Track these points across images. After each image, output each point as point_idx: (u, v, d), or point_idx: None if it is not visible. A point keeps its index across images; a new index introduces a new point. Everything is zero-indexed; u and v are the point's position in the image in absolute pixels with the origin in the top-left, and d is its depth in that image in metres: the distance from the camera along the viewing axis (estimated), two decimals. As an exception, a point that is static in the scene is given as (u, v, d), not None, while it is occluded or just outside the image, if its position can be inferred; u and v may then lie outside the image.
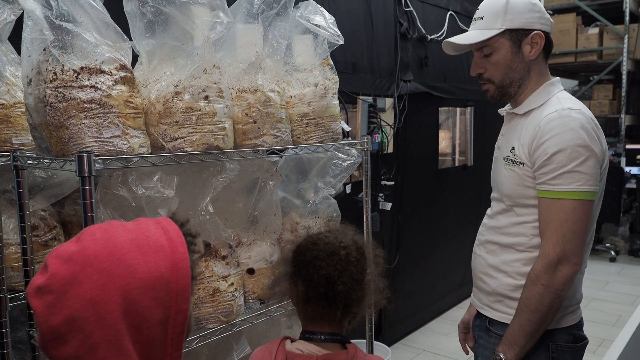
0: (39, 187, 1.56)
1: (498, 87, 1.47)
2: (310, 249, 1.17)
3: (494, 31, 1.41)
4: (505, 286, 1.46)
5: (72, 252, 0.73)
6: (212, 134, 1.36)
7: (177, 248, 0.77)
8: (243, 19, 1.53)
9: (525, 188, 1.40)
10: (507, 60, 1.43)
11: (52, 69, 1.17)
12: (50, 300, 0.70)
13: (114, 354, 0.70)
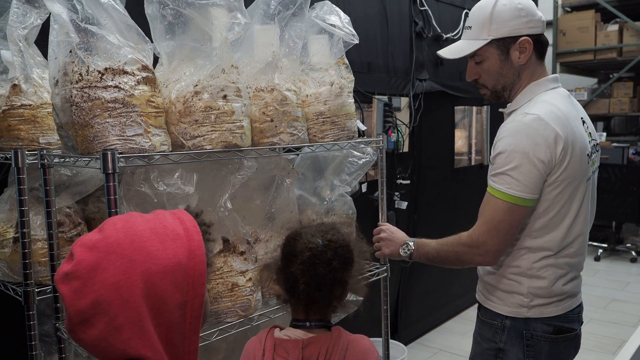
0: (64, 185, 1.61)
1: (492, 92, 1.56)
2: (289, 244, 1.26)
3: (481, 42, 1.48)
4: (487, 272, 1.57)
5: (95, 241, 0.78)
6: (230, 132, 1.39)
7: (192, 237, 0.82)
8: (260, 19, 1.56)
9: None
10: (497, 67, 1.50)
11: (78, 70, 1.21)
12: (77, 285, 0.75)
13: (137, 334, 0.75)
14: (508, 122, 1.44)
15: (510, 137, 1.39)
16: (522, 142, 1.36)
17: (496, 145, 1.43)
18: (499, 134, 1.44)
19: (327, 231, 1.25)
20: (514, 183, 1.37)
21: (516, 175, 1.37)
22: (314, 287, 1.19)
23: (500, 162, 1.39)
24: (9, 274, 1.58)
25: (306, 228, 1.27)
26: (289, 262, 1.24)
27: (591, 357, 3.46)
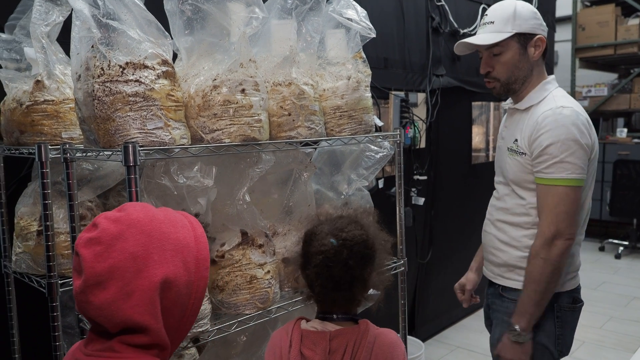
0: (86, 180, 1.64)
1: (503, 85, 1.67)
2: (306, 244, 1.26)
3: (506, 34, 1.61)
4: (515, 258, 1.67)
5: (119, 216, 0.86)
6: (248, 125, 1.40)
7: (197, 228, 0.93)
8: (277, 14, 1.57)
9: (527, 174, 1.62)
10: (515, 60, 1.63)
11: (100, 65, 1.24)
12: (98, 250, 0.82)
13: (145, 302, 0.82)
14: (546, 117, 1.54)
15: (558, 129, 1.52)
16: (570, 131, 1.51)
17: (540, 139, 1.54)
18: (539, 128, 1.54)
19: (342, 228, 1.22)
20: (573, 168, 1.51)
21: (573, 160, 1.51)
22: (330, 288, 1.19)
23: (554, 152, 1.52)
24: (33, 266, 1.61)
25: (322, 225, 1.26)
26: (305, 263, 1.25)
27: (612, 355, 3.41)
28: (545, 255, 1.53)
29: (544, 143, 1.53)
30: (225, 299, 1.47)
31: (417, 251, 3.42)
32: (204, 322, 1.38)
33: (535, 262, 1.55)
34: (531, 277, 1.56)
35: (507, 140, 1.70)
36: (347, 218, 1.28)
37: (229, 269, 1.47)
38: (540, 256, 1.53)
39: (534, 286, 1.55)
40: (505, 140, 1.72)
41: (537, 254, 1.54)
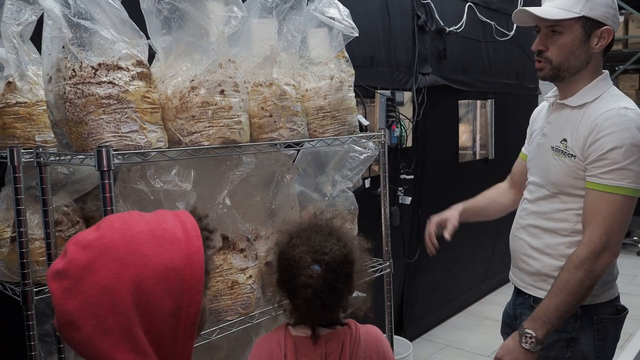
0: (62, 184, 1.59)
1: (554, 69, 1.49)
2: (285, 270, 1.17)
3: (572, 14, 1.43)
4: (549, 267, 1.53)
5: (90, 240, 0.75)
6: (228, 127, 1.37)
7: (192, 241, 0.78)
8: (258, 13, 1.53)
9: (575, 179, 1.46)
10: (574, 46, 1.46)
11: (71, 66, 1.19)
12: (67, 284, 0.72)
13: (126, 339, 0.72)
14: (608, 117, 1.39)
15: (622, 132, 1.37)
16: (635, 135, 1.37)
17: (601, 141, 1.39)
18: (601, 129, 1.39)
19: (322, 250, 1.15)
20: (635, 176, 1.38)
21: (636, 167, 1.38)
22: (320, 310, 1.15)
23: (616, 157, 1.37)
24: (7, 273, 1.57)
25: (298, 246, 1.17)
26: (292, 293, 1.18)
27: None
28: (589, 267, 1.38)
29: (605, 146, 1.38)
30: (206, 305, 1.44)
31: (405, 250, 3.41)
32: (184, 330, 1.34)
33: (576, 272, 1.39)
34: (566, 287, 1.40)
35: (551, 139, 1.54)
36: (321, 233, 1.20)
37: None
38: (584, 267, 1.38)
39: (567, 297, 1.39)
40: (548, 138, 1.56)
41: (582, 264, 1.38)
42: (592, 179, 1.41)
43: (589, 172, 1.42)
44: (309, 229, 1.20)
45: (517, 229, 1.67)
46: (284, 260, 1.18)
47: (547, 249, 1.55)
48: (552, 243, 1.54)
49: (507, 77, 4.33)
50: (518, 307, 1.68)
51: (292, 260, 1.15)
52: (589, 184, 1.42)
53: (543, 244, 1.56)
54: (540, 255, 1.56)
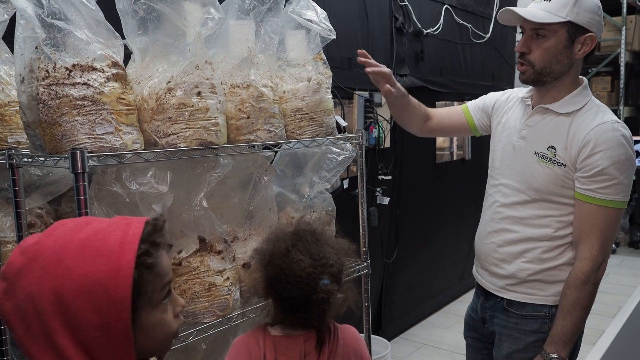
0: (35, 186, 1.57)
1: (536, 73, 1.49)
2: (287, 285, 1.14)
3: (558, 18, 1.42)
4: (525, 271, 1.55)
5: (29, 244, 0.76)
6: (205, 129, 1.37)
7: (124, 255, 0.75)
8: (235, 14, 1.53)
9: (562, 188, 1.48)
10: (557, 50, 1.45)
11: (45, 67, 1.18)
12: (4, 286, 0.74)
13: (51, 347, 0.73)
14: (603, 132, 1.41)
15: (618, 148, 1.41)
16: (628, 151, 1.42)
17: (598, 156, 1.41)
18: (597, 144, 1.41)
19: (327, 262, 1.15)
20: (626, 190, 1.44)
21: (628, 181, 1.44)
22: (322, 319, 1.17)
23: (615, 173, 1.41)
24: (-22, 277, 1.53)
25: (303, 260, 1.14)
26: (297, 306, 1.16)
27: (572, 349, 3.50)
28: (594, 280, 1.42)
29: (604, 162, 1.40)
30: (183, 308, 1.43)
31: (383, 250, 3.43)
32: (160, 333, 1.34)
33: (585, 288, 1.41)
34: (579, 304, 1.42)
35: (533, 143, 1.53)
36: (316, 242, 1.19)
37: (186, 276, 1.43)
38: (590, 282, 1.42)
39: (581, 313, 1.43)
40: (529, 142, 1.54)
41: (588, 279, 1.41)
42: (589, 192, 1.43)
43: (583, 184, 1.43)
44: (303, 239, 1.19)
45: (489, 233, 1.65)
46: (287, 276, 1.14)
47: (523, 253, 1.55)
48: (529, 248, 1.54)
49: (483, 78, 4.40)
50: (488, 311, 1.67)
51: (299, 277, 1.13)
52: (585, 197, 1.44)
53: (519, 249, 1.56)
54: (515, 260, 1.56)
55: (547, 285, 1.53)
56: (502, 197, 1.61)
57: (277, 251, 1.18)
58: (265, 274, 1.20)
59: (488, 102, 1.81)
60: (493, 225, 1.63)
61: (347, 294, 1.22)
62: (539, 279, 1.54)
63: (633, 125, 6.43)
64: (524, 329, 1.56)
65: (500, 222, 1.61)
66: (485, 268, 1.67)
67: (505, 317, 1.60)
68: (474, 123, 1.84)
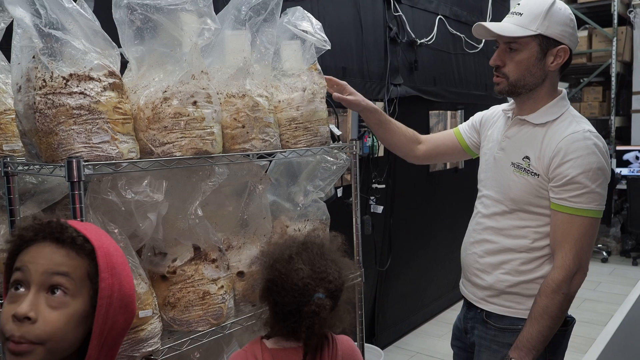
0: (30, 193, 1.57)
1: (510, 85, 1.52)
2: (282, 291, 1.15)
3: (528, 32, 1.45)
4: (503, 282, 1.56)
5: None
6: (200, 138, 1.38)
7: None
8: (231, 25, 1.55)
9: (536, 197, 1.49)
10: (529, 63, 1.48)
11: (42, 76, 1.18)
12: None
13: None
14: (574, 141, 1.42)
15: (590, 156, 1.41)
16: (600, 160, 1.42)
17: (569, 165, 1.42)
18: (567, 153, 1.42)
19: (327, 277, 1.16)
20: (600, 198, 1.43)
21: (601, 190, 1.43)
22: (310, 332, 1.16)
23: (585, 181, 1.41)
24: (-29, 285, 1.53)
25: (303, 269, 1.16)
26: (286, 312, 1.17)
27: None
28: (566, 290, 1.42)
29: (574, 171, 1.41)
30: (177, 316, 1.43)
31: (377, 259, 3.44)
32: (154, 341, 1.34)
33: (555, 296, 1.42)
34: (547, 312, 1.42)
35: (510, 154, 1.55)
36: (321, 256, 1.20)
37: (180, 285, 1.43)
38: (562, 291, 1.42)
39: (549, 322, 1.42)
40: (507, 153, 1.57)
41: (559, 288, 1.42)
42: (562, 202, 1.44)
43: (556, 194, 1.44)
44: (309, 250, 1.20)
45: (471, 243, 1.67)
46: (284, 282, 1.15)
47: (502, 264, 1.56)
48: (507, 259, 1.55)
49: (476, 88, 4.44)
50: (469, 321, 1.69)
51: (295, 285, 1.14)
52: (558, 206, 1.45)
53: (498, 260, 1.57)
54: (494, 271, 1.58)
55: (525, 298, 1.54)
56: (483, 208, 1.65)
57: (280, 256, 1.20)
58: (265, 276, 1.21)
59: (476, 119, 1.85)
60: (475, 235, 1.66)
61: (343, 316, 1.22)
62: (516, 292, 1.54)
63: (624, 134, 6.51)
64: (502, 342, 1.57)
65: (482, 232, 1.63)
66: (467, 278, 1.70)
67: (484, 328, 1.61)
68: (466, 143, 1.85)
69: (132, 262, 1.32)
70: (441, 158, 1.95)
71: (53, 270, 0.86)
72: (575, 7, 6.33)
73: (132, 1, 1.33)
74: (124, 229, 1.32)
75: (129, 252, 1.32)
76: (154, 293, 1.39)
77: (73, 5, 1.22)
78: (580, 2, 6.32)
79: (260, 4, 1.55)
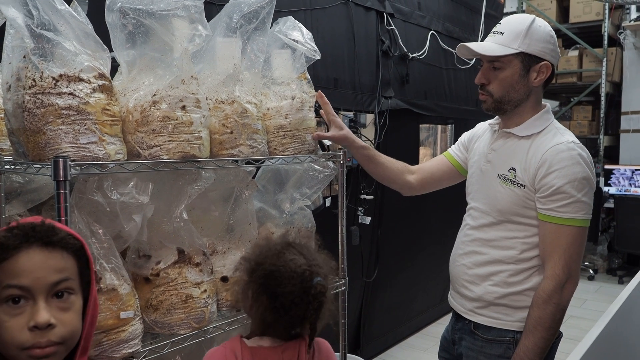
0: (16, 193, 1.57)
1: (495, 102, 1.56)
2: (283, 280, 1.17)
3: (510, 50, 1.49)
4: (491, 294, 1.57)
5: None
6: (188, 142, 1.39)
7: None
8: (222, 32, 1.57)
9: (523, 208, 1.51)
10: (513, 80, 1.52)
11: (32, 76, 1.20)
12: None
13: None
14: (558, 151, 1.45)
15: (574, 166, 1.44)
16: (584, 169, 1.45)
17: (554, 175, 1.44)
18: (552, 163, 1.45)
19: (318, 263, 1.21)
20: (587, 208, 1.46)
21: (587, 199, 1.45)
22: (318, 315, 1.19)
23: (571, 191, 1.43)
24: (-47, 283, 1.53)
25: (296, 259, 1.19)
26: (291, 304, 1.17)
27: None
28: (557, 300, 1.43)
29: (559, 181, 1.43)
30: (159, 319, 1.44)
31: (363, 270, 3.45)
32: (135, 343, 1.34)
33: (547, 307, 1.43)
34: (540, 323, 1.44)
35: (497, 166, 1.58)
36: (307, 247, 1.25)
37: (163, 287, 1.44)
38: (552, 301, 1.43)
39: (543, 333, 1.43)
40: (493, 165, 1.59)
41: (550, 298, 1.43)
42: (549, 212, 1.46)
43: (543, 204, 1.47)
44: (293, 244, 1.24)
45: (460, 255, 1.69)
46: (282, 273, 1.18)
47: (490, 276, 1.58)
48: (496, 270, 1.57)
49: (467, 103, 4.49)
50: (457, 332, 1.70)
51: (294, 272, 1.17)
52: (545, 217, 1.47)
53: (486, 271, 1.59)
54: (483, 282, 1.59)
55: (513, 310, 1.55)
56: (471, 220, 1.67)
57: (268, 253, 1.22)
58: (254, 277, 1.21)
59: (464, 138, 1.88)
60: (463, 247, 1.68)
61: (331, 308, 1.25)
62: (504, 304, 1.56)
63: (613, 154, 6.59)
64: (489, 353, 1.58)
65: (470, 244, 1.65)
66: (456, 290, 1.71)
67: (472, 339, 1.63)
68: (459, 164, 1.87)
69: (115, 263, 1.33)
70: (438, 184, 1.95)
71: (57, 279, 0.88)
72: (567, 27, 6.44)
73: (124, 5, 1.35)
74: (109, 230, 1.33)
75: (112, 253, 1.33)
76: (136, 295, 1.40)
77: (65, 7, 1.25)
78: (572, 22, 6.43)
79: (252, 13, 1.58)
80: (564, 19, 6.57)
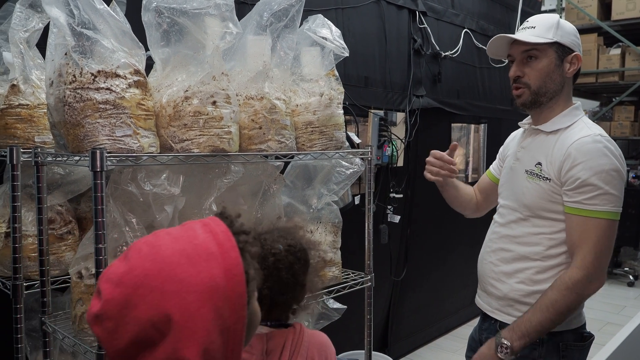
0: (57, 184, 1.66)
1: (532, 93, 1.55)
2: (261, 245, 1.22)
3: (547, 39, 1.52)
4: (517, 292, 1.56)
5: (121, 274, 0.72)
6: (218, 137, 1.44)
7: (228, 253, 0.74)
8: (253, 30, 1.62)
9: (549, 202, 1.50)
10: (550, 69, 1.53)
11: (72, 72, 1.27)
12: (110, 326, 0.71)
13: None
14: (584, 144, 1.44)
15: (601, 158, 1.43)
16: (612, 161, 1.43)
17: (580, 167, 1.43)
18: (578, 156, 1.44)
19: (285, 236, 1.27)
20: (616, 200, 1.44)
21: (616, 192, 1.43)
22: (277, 291, 1.21)
23: (598, 183, 1.42)
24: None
25: (265, 234, 1.27)
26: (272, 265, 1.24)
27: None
28: (581, 290, 1.41)
29: (586, 173, 1.42)
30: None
31: (392, 268, 3.45)
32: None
33: (568, 294, 1.41)
34: (554, 306, 1.41)
35: (524, 163, 1.59)
36: (286, 229, 1.31)
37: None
38: (576, 290, 1.41)
39: (552, 316, 1.42)
40: (521, 162, 1.60)
41: (574, 286, 1.41)
42: (576, 204, 1.44)
43: (570, 197, 1.45)
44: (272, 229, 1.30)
45: (487, 253, 1.69)
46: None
47: (516, 273, 1.57)
48: (522, 267, 1.56)
49: (501, 103, 4.43)
50: (484, 333, 1.69)
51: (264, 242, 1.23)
52: (573, 209, 1.45)
53: (512, 268, 1.58)
54: (509, 280, 1.58)
55: None
56: (499, 218, 1.68)
57: None
58: None
59: (500, 149, 1.88)
60: (491, 245, 1.68)
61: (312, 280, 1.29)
62: (530, 302, 1.53)
63: (656, 156, 6.36)
64: None
65: (497, 241, 1.65)
66: (483, 289, 1.71)
67: None
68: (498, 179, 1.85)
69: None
70: (491, 204, 1.93)
71: None
72: (609, 24, 6.24)
73: (159, 5, 1.41)
74: (142, 219, 1.39)
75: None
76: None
77: (104, 7, 1.31)
78: (614, 20, 6.23)
79: (282, 11, 1.62)
80: (605, 15, 6.38)
